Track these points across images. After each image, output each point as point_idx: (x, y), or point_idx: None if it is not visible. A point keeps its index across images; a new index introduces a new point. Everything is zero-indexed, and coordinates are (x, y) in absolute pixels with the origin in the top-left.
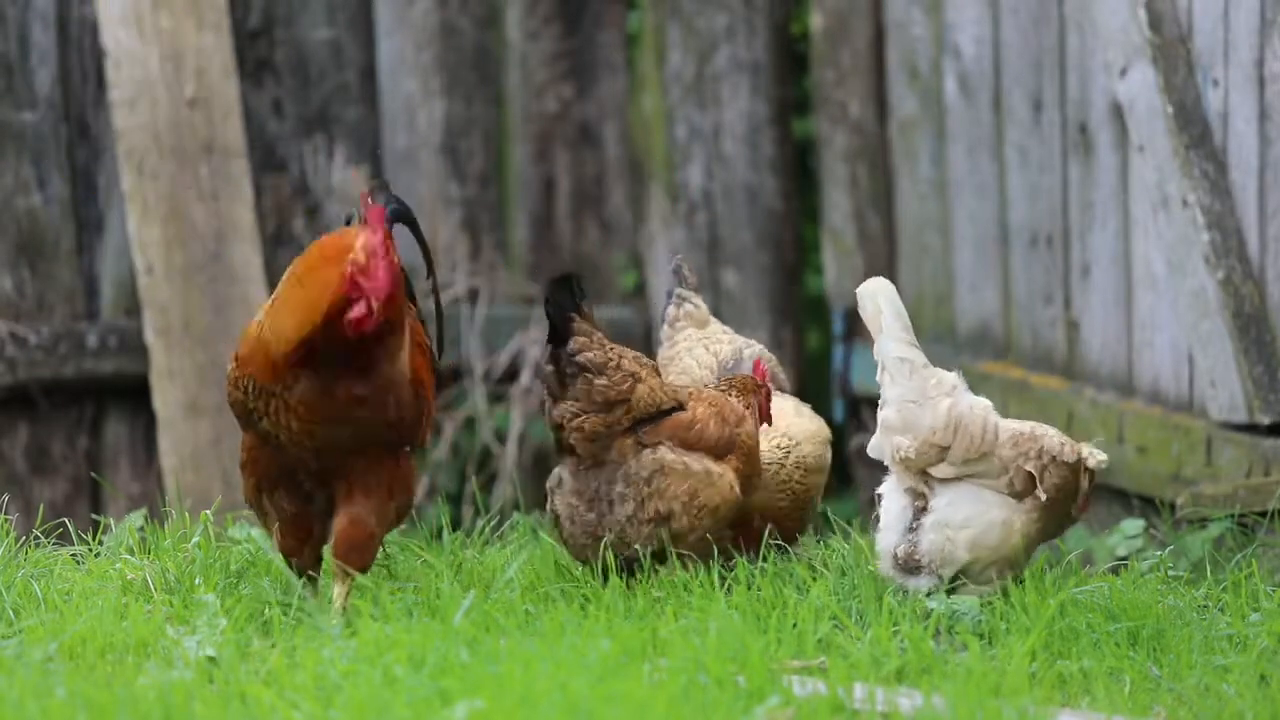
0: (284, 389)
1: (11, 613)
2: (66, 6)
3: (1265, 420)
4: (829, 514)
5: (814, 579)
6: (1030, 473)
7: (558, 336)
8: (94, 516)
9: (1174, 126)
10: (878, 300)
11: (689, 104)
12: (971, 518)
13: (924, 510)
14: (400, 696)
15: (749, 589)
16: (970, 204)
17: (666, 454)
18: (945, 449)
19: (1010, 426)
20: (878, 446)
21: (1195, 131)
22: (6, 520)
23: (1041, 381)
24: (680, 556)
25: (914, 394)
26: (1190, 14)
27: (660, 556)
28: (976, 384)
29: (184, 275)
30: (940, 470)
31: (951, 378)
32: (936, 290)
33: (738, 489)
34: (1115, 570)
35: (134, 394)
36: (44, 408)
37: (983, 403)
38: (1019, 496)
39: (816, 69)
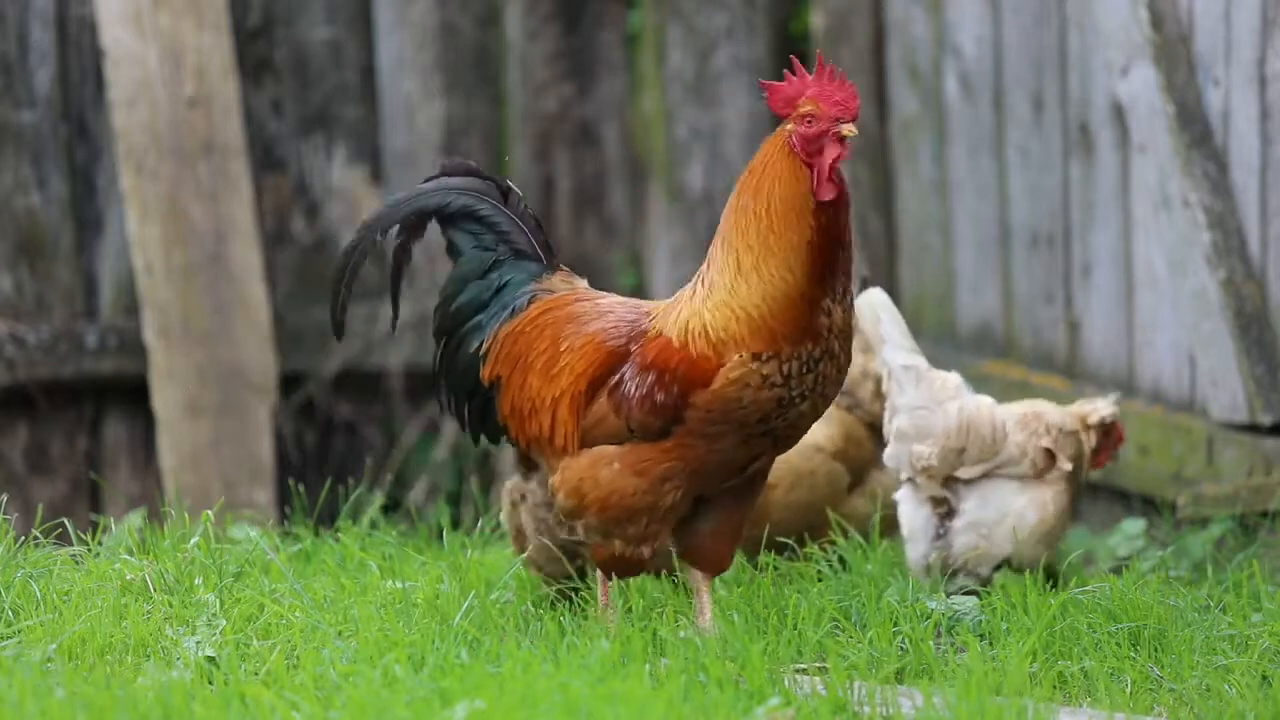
0: (828, 334)
1: (10, 613)
2: (65, 6)
3: (1267, 420)
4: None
5: (816, 579)
6: (1047, 449)
7: None
8: (93, 516)
9: (1175, 126)
10: (877, 311)
11: (689, 103)
12: (1005, 510)
13: (948, 515)
14: (400, 696)
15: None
16: (971, 204)
17: None
18: (961, 451)
19: (1011, 411)
20: (895, 456)
21: (1196, 131)
22: (6, 520)
23: (1043, 381)
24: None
25: (923, 400)
26: (1191, 13)
27: None
28: (978, 384)
29: (184, 275)
30: (965, 472)
31: (954, 379)
32: (937, 290)
33: None
34: (1116, 570)
35: (133, 394)
36: (43, 408)
37: (985, 400)
38: (1041, 474)
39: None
